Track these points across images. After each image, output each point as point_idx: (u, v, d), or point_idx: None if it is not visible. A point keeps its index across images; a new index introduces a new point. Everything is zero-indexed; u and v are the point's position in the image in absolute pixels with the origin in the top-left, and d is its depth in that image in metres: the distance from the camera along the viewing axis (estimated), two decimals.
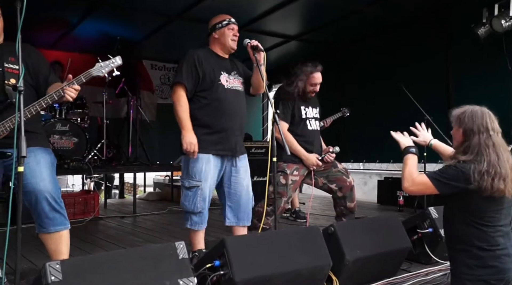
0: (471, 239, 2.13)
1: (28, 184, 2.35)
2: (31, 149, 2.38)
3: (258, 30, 5.81)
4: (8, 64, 2.49)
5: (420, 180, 2.18)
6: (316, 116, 3.84)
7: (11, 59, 2.50)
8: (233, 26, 3.02)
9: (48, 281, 1.57)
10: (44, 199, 2.36)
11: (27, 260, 3.25)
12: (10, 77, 2.46)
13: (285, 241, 2.28)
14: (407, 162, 2.28)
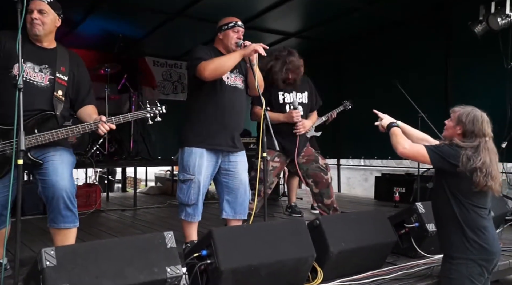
0: (461, 218, 2.37)
1: (49, 180, 2.51)
2: (57, 148, 2.59)
3: (257, 27, 5.91)
4: (59, 74, 2.58)
5: (416, 146, 2.44)
6: (301, 100, 3.83)
7: (62, 69, 2.59)
8: (238, 29, 3.08)
9: (43, 266, 1.70)
10: (61, 197, 2.51)
11: (30, 249, 3.39)
12: (59, 88, 2.56)
13: (271, 232, 2.38)
14: (396, 132, 2.54)
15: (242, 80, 3.18)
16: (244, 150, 3.20)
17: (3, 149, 2.49)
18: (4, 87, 2.45)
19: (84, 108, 2.76)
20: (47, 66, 2.57)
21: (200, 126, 3.01)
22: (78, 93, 2.75)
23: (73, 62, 2.72)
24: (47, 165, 2.55)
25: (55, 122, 2.58)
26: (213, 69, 2.85)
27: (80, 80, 2.75)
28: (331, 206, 3.83)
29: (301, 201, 5.83)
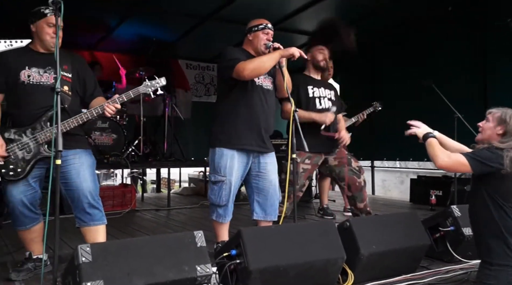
0: (501, 223, 2.29)
1: (72, 183, 2.64)
2: (76, 151, 2.70)
3: (288, 29, 5.91)
4: (63, 72, 2.70)
5: (456, 156, 2.36)
6: (329, 96, 3.83)
7: (65, 67, 2.73)
8: (268, 31, 3.10)
9: (79, 261, 1.77)
10: (85, 197, 2.63)
11: (68, 246, 3.52)
12: (64, 84, 2.69)
13: (300, 233, 2.39)
14: (433, 143, 2.44)
15: (271, 81, 3.20)
16: (274, 151, 3.21)
17: (22, 148, 2.62)
18: (17, 94, 2.67)
19: (94, 101, 2.88)
20: (50, 68, 2.71)
21: (230, 127, 3.04)
22: (86, 89, 2.88)
23: (75, 61, 2.86)
24: (69, 168, 2.67)
25: (66, 115, 2.66)
26: (252, 69, 2.87)
27: (84, 76, 2.88)
28: (364, 210, 3.79)
29: (333, 203, 5.79)
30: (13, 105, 2.69)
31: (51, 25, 2.64)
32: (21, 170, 2.61)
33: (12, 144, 2.60)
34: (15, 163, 2.61)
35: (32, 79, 2.66)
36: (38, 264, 2.78)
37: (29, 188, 2.67)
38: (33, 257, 2.80)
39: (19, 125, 2.64)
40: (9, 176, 2.60)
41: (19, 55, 2.64)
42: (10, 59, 2.64)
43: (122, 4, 5.05)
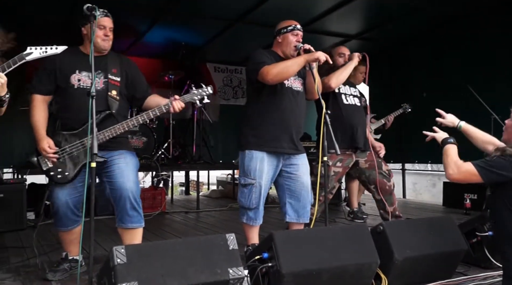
0: None
1: (116, 182, 2.67)
2: (121, 152, 2.75)
3: (317, 30, 5.87)
4: (112, 76, 2.76)
5: (465, 167, 2.21)
6: (354, 93, 3.86)
7: (114, 71, 2.78)
8: (297, 32, 3.09)
9: (114, 263, 1.79)
10: (127, 198, 2.66)
11: (102, 247, 3.58)
12: (112, 88, 2.75)
13: (332, 237, 2.36)
14: (448, 152, 2.32)
15: (301, 83, 3.17)
16: (305, 153, 3.18)
17: (70, 152, 2.67)
18: (66, 98, 2.72)
19: (149, 98, 2.92)
20: (100, 71, 2.75)
21: (260, 129, 3.03)
22: (136, 89, 2.92)
23: (124, 64, 2.90)
24: (114, 168, 2.70)
25: (114, 120, 2.73)
26: (276, 74, 2.87)
27: (134, 78, 2.92)
28: (393, 213, 3.74)
29: (364, 206, 5.70)
30: (63, 108, 2.74)
31: (102, 27, 2.69)
32: (69, 174, 2.67)
33: (62, 148, 2.66)
34: (63, 167, 2.66)
35: (82, 83, 2.70)
36: (74, 264, 2.85)
37: (75, 191, 2.72)
38: (69, 257, 2.86)
39: (68, 129, 2.69)
40: (57, 179, 2.66)
41: (71, 58, 2.68)
42: (62, 62, 2.68)
43: (152, 9, 5.12)
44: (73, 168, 2.67)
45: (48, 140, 2.64)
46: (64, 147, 2.67)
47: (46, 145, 2.62)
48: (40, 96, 2.72)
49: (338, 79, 3.51)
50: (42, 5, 4.75)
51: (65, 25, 5.02)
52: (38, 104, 2.70)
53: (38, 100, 2.71)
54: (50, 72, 2.70)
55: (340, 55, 3.75)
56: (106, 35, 2.72)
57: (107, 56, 2.81)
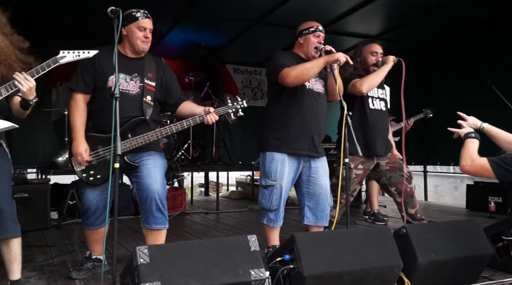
0: None
1: (143, 183, 2.69)
2: (150, 153, 2.76)
3: (337, 31, 5.83)
4: (147, 81, 2.77)
5: (479, 161, 2.24)
6: (381, 96, 3.76)
7: (150, 75, 2.78)
8: (319, 33, 3.08)
9: (138, 262, 1.81)
10: (153, 199, 2.67)
11: (124, 247, 3.62)
12: (147, 94, 2.76)
13: (354, 239, 2.33)
14: (467, 145, 2.35)
15: (323, 84, 3.15)
16: (325, 156, 3.16)
17: (103, 155, 2.69)
18: (103, 99, 2.70)
19: (183, 105, 2.94)
20: (136, 75, 2.76)
21: (281, 131, 3.03)
22: (170, 95, 2.92)
23: (160, 68, 2.90)
24: (142, 169, 2.72)
25: (146, 126, 2.75)
26: (296, 76, 2.85)
27: (168, 82, 2.92)
28: (415, 216, 3.68)
29: (384, 208, 5.65)
30: (98, 110, 2.75)
31: (142, 29, 2.70)
32: (101, 177, 2.70)
33: (95, 151, 2.69)
34: (96, 169, 2.69)
35: (119, 85, 2.68)
36: (97, 264, 2.88)
37: (104, 192, 2.72)
38: (92, 257, 2.90)
39: (102, 131, 2.71)
40: (90, 181, 2.70)
41: (109, 59, 2.62)
42: (101, 62, 2.68)
43: (173, 10, 5.16)
44: (105, 171, 2.68)
45: (86, 147, 2.66)
46: (98, 150, 2.70)
47: (83, 151, 2.64)
48: (81, 95, 2.72)
49: (371, 84, 3.44)
50: (71, 7, 4.83)
51: (91, 27, 5.12)
52: (79, 103, 2.71)
53: (80, 99, 2.72)
54: (91, 71, 2.71)
55: (372, 54, 3.64)
56: (146, 37, 2.72)
57: (144, 59, 2.80)
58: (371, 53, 3.65)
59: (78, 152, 2.64)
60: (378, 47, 3.68)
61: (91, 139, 2.71)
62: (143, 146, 2.71)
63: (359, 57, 3.67)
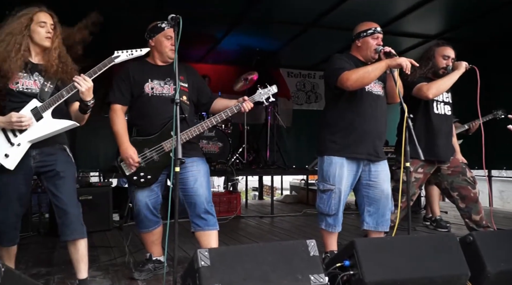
0: None
1: (190, 188, 2.78)
2: (193, 159, 2.85)
3: (394, 32, 5.68)
4: (180, 83, 2.87)
5: None
6: (446, 100, 3.61)
7: (181, 78, 2.90)
8: (377, 35, 3.01)
9: (199, 265, 1.84)
10: (201, 203, 2.77)
11: (182, 250, 3.70)
12: (183, 94, 2.87)
13: (417, 246, 2.24)
14: None
15: (382, 86, 3.07)
16: (386, 160, 3.07)
17: (150, 156, 2.79)
18: (142, 105, 2.85)
19: (216, 101, 3.04)
20: (169, 79, 2.88)
21: (339, 135, 2.98)
22: (202, 95, 3.04)
23: (189, 71, 3.03)
24: (187, 175, 2.81)
25: (186, 124, 2.83)
26: (356, 79, 2.80)
27: (199, 84, 3.05)
28: (480, 223, 3.50)
29: (446, 214, 5.41)
30: (138, 116, 2.88)
31: (169, 38, 2.83)
32: (151, 178, 2.81)
33: (142, 153, 2.80)
34: (145, 171, 2.80)
35: (155, 91, 2.84)
36: (157, 265, 2.97)
37: (153, 193, 2.87)
38: (152, 258, 2.99)
39: (145, 134, 2.83)
40: (140, 183, 2.81)
41: (141, 69, 2.86)
42: (134, 73, 2.85)
43: (228, 16, 5.24)
44: (154, 172, 2.80)
45: (134, 150, 2.77)
46: (144, 152, 2.80)
47: (132, 153, 2.75)
48: (119, 106, 2.86)
49: (438, 90, 3.33)
50: (128, 17, 5.03)
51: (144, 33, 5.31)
52: (118, 113, 2.85)
53: (118, 109, 2.85)
54: (126, 82, 2.85)
55: (444, 57, 3.50)
56: (173, 45, 2.82)
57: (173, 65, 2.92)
58: (443, 57, 3.51)
59: (127, 155, 2.75)
60: (451, 51, 3.53)
61: (136, 143, 2.81)
62: (186, 150, 2.75)
63: (429, 59, 3.54)
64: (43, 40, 2.44)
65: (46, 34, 2.44)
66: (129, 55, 2.48)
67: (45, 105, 2.40)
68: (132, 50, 2.49)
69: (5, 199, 2.39)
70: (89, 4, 4.40)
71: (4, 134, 2.37)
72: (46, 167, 2.45)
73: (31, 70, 2.44)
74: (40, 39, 2.44)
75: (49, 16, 2.47)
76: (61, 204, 2.43)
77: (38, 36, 2.43)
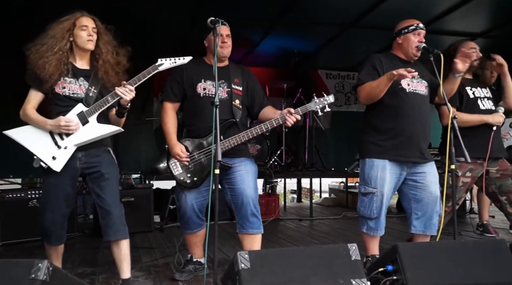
0: None
1: (237, 189, 2.78)
2: (241, 159, 2.86)
3: (437, 31, 5.51)
4: (235, 86, 2.90)
5: None
6: (488, 95, 3.51)
7: (236, 81, 2.92)
8: (419, 31, 2.94)
9: (239, 267, 1.84)
10: (248, 204, 2.75)
11: (222, 252, 3.73)
12: (236, 98, 2.88)
13: (464, 251, 2.17)
14: None
15: (425, 86, 2.98)
16: (433, 161, 2.97)
17: (199, 158, 2.81)
18: (193, 106, 2.87)
19: (264, 110, 2.99)
20: (223, 81, 2.87)
21: (381, 136, 2.92)
22: (254, 99, 3.00)
23: (245, 74, 3.00)
24: (235, 175, 2.79)
25: (236, 128, 2.84)
26: (366, 96, 2.89)
27: (253, 88, 3.00)
28: None
29: (493, 219, 5.20)
30: (189, 116, 2.91)
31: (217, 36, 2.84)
32: (198, 180, 2.82)
33: (191, 155, 2.82)
34: (192, 173, 2.82)
35: (207, 92, 2.85)
36: (198, 266, 3.00)
37: (200, 196, 2.87)
38: (193, 259, 3.02)
39: (195, 136, 2.85)
40: (187, 184, 2.83)
41: (197, 68, 2.86)
42: (189, 72, 2.87)
43: (266, 19, 5.24)
44: (201, 174, 2.81)
45: (181, 146, 2.82)
46: (193, 154, 2.82)
47: (179, 150, 2.80)
48: (170, 104, 2.91)
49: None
50: (166, 21, 5.13)
51: (186, 38, 5.40)
52: (169, 111, 2.90)
53: (169, 107, 2.90)
54: (179, 81, 2.88)
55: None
56: (223, 42, 2.83)
57: (229, 66, 2.94)
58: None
59: (175, 152, 2.80)
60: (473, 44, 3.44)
61: (186, 144, 2.84)
62: (234, 151, 2.78)
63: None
64: (85, 43, 2.52)
65: (88, 37, 2.52)
66: (172, 63, 2.52)
67: (91, 110, 2.48)
68: (176, 58, 2.53)
69: (53, 199, 2.49)
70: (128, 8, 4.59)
71: (51, 137, 2.46)
72: (91, 168, 2.53)
73: (76, 75, 2.53)
74: (82, 43, 2.52)
75: (91, 20, 2.56)
76: (104, 205, 2.50)
77: (80, 39, 2.51)
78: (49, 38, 2.47)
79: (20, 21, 4.50)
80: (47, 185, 2.52)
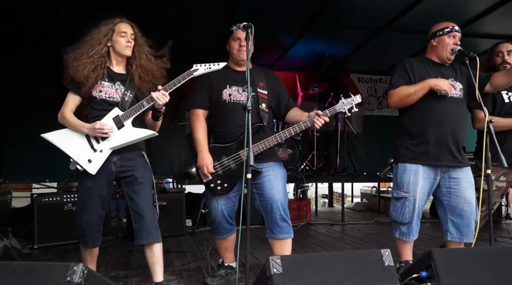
0: None
1: (266, 193, 2.77)
2: (270, 164, 2.85)
3: (472, 33, 5.38)
4: (260, 89, 2.92)
5: None
6: None
7: (261, 85, 2.92)
8: (455, 34, 2.89)
9: (271, 272, 1.85)
10: (277, 209, 2.74)
11: (253, 256, 3.75)
12: (262, 102, 2.89)
13: (501, 258, 2.10)
14: None
15: (460, 88, 2.92)
16: (468, 166, 2.90)
17: (228, 164, 2.82)
18: (219, 112, 2.88)
19: (291, 112, 2.99)
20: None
21: (412, 141, 2.88)
22: (280, 102, 3.00)
23: (269, 77, 3.00)
24: (264, 180, 2.79)
25: (264, 132, 2.84)
26: (399, 100, 2.87)
27: (278, 90, 3.00)
28: None
29: None
30: (216, 123, 2.93)
31: (236, 39, 2.85)
32: (228, 185, 2.84)
33: (220, 161, 2.83)
34: (222, 179, 2.84)
35: (233, 97, 2.86)
36: (229, 271, 3.03)
37: (229, 201, 2.89)
38: (225, 264, 3.05)
39: (222, 142, 2.86)
40: (217, 190, 2.84)
41: (222, 74, 2.86)
42: (214, 78, 2.87)
43: (298, 23, 5.24)
44: (231, 180, 2.83)
45: (211, 159, 2.80)
46: (222, 160, 2.83)
47: (209, 163, 2.78)
48: (200, 111, 2.91)
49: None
50: (199, 27, 5.20)
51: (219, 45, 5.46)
52: (200, 118, 2.89)
53: (199, 114, 2.90)
54: (206, 87, 2.90)
55: (497, 54, 3.37)
56: (240, 46, 2.83)
57: (253, 71, 2.91)
58: (496, 54, 3.37)
59: (203, 163, 2.79)
60: (505, 46, 3.37)
61: (214, 150, 2.85)
62: (262, 156, 2.78)
63: (487, 61, 3.41)
64: (123, 49, 2.59)
65: (126, 43, 2.58)
66: (207, 68, 2.55)
67: (126, 114, 2.54)
68: (210, 64, 2.55)
69: (89, 202, 2.55)
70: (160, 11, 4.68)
71: (88, 140, 2.53)
72: (125, 172, 2.59)
73: (113, 79, 2.59)
74: (120, 49, 2.59)
75: (129, 26, 2.62)
76: (138, 209, 2.55)
77: (119, 45, 2.58)
78: (87, 42, 2.55)
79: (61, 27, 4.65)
80: (83, 188, 2.57)
